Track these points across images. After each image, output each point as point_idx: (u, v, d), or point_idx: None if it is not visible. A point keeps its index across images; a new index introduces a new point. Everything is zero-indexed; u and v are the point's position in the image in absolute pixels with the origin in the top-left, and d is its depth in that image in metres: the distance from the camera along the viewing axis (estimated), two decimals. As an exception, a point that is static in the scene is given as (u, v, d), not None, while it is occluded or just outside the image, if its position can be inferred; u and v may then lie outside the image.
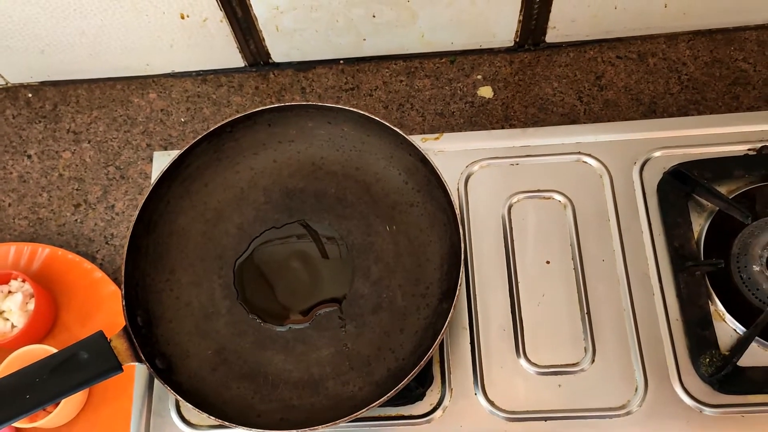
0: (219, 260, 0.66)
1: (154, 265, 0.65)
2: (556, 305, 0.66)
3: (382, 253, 0.66)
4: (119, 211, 0.84)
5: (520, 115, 0.85)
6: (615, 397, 0.62)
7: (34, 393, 0.53)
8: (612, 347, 0.64)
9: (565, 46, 0.88)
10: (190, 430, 0.64)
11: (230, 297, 0.65)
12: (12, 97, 0.90)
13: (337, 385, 0.61)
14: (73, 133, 0.88)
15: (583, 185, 0.70)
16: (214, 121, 0.88)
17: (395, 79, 0.88)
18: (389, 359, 0.62)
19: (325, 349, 0.63)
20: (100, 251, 0.82)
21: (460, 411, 0.63)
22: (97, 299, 0.78)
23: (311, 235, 0.67)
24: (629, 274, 0.66)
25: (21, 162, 0.87)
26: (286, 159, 0.69)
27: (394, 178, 0.67)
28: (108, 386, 0.73)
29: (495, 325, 0.65)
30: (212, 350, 0.63)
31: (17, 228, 0.84)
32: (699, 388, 0.62)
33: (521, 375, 0.64)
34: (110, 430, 0.72)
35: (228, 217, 0.68)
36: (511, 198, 0.70)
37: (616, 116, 0.83)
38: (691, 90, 0.84)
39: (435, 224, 0.65)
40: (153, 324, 0.62)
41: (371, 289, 0.64)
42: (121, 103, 0.89)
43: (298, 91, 0.89)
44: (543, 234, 0.69)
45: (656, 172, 0.69)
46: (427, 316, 0.62)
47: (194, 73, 0.90)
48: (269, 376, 0.62)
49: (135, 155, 0.86)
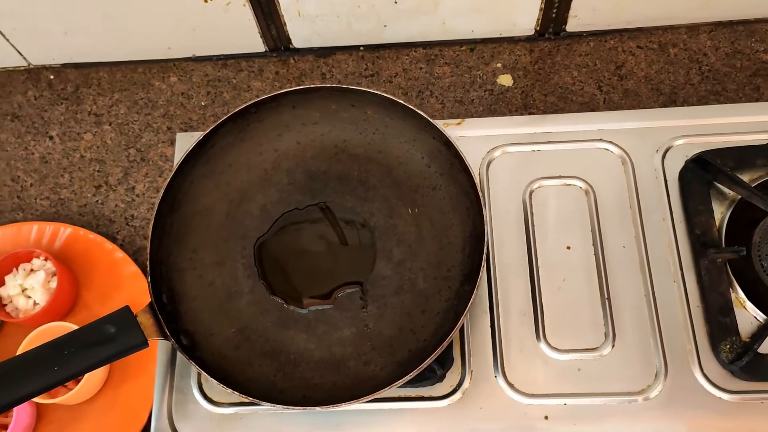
0: (242, 240, 0.67)
1: (178, 243, 0.65)
2: (577, 290, 0.66)
3: (404, 235, 0.66)
4: (139, 192, 0.84)
5: (539, 104, 0.85)
6: (635, 381, 0.62)
7: (63, 365, 0.54)
8: (632, 332, 0.64)
9: (586, 36, 0.88)
10: (211, 407, 0.64)
11: (253, 277, 0.66)
12: (34, 79, 0.91)
13: (358, 365, 0.62)
14: (95, 115, 0.89)
15: (604, 172, 0.70)
16: (234, 105, 0.88)
17: (415, 66, 0.89)
18: (411, 340, 0.62)
19: (347, 330, 0.63)
20: (121, 232, 0.83)
21: (480, 393, 0.63)
22: (118, 279, 0.78)
23: (333, 216, 0.68)
24: (650, 261, 0.66)
25: (43, 143, 0.88)
26: (310, 141, 0.69)
27: (417, 161, 0.68)
28: (128, 364, 0.74)
29: (515, 308, 0.66)
30: (235, 329, 0.64)
31: (39, 208, 0.84)
32: (719, 374, 0.62)
33: (541, 358, 0.64)
34: (129, 408, 0.73)
35: (251, 198, 0.68)
36: (532, 184, 0.71)
37: (635, 106, 0.83)
38: (712, 81, 0.84)
39: (457, 208, 0.65)
40: (177, 301, 0.63)
41: (393, 271, 0.65)
42: (142, 86, 0.90)
43: (318, 77, 0.89)
44: (564, 220, 0.69)
45: (678, 159, 0.69)
46: (448, 298, 0.63)
47: (215, 58, 0.91)
48: (291, 354, 0.63)
49: (155, 138, 0.87)
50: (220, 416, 0.64)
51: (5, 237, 0.80)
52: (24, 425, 0.70)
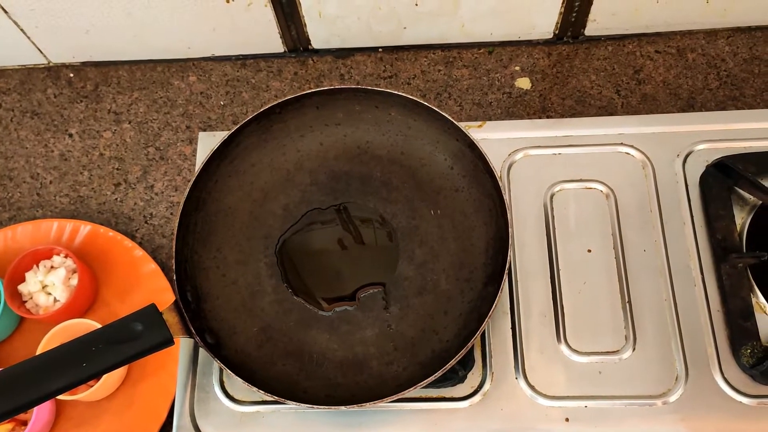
0: (265, 240, 0.67)
1: (202, 242, 0.66)
2: (597, 293, 0.66)
3: (427, 236, 0.66)
4: (158, 191, 0.85)
5: (557, 107, 0.85)
6: (655, 385, 0.63)
7: (91, 362, 0.54)
8: (653, 336, 0.64)
9: (604, 40, 0.88)
10: (233, 405, 0.65)
11: (275, 276, 0.66)
12: (54, 77, 0.91)
13: (381, 365, 0.62)
14: (114, 113, 0.89)
15: (625, 176, 0.70)
16: (252, 105, 0.89)
17: (433, 69, 0.89)
18: (433, 341, 0.62)
19: (370, 330, 0.64)
20: (139, 230, 0.83)
21: (501, 394, 0.63)
22: (137, 277, 0.79)
23: (355, 217, 0.68)
24: (671, 265, 0.67)
25: (62, 140, 0.88)
26: (333, 142, 0.70)
27: (440, 163, 0.68)
28: (147, 362, 0.74)
29: (536, 311, 0.66)
30: (258, 327, 0.64)
31: (58, 205, 0.85)
32: (739, 379, 0.62)
33: (561, 360, 0.64)
34: (148, 406, 0.73)
35: (274, 198, 0.69)
36: (553, 187, 0.71)
37: (653, 110, 0.84)
38: (730, 86, 0.84)
39: (480, 209, 0.65)
40: (201, 300, 0.63)
41: (415, 272, 0.65)
42: (161, 85, 0.90)
43: (337, 78, 0.90)
44: (585, 223, 0.69)
45: (699, 164, 0.70)
46: (471, 299, 0.63)
47: (234, 57, 0.91)
48: (314, 354, 0.63)
49: (174, 137, 0.87)
50: (242, 414, 0.64)
51: (25, 234, 0.81)
52: (44, 421, 0.71)
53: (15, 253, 0.77)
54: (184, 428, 0.64)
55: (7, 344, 0.77)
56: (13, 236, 0.80)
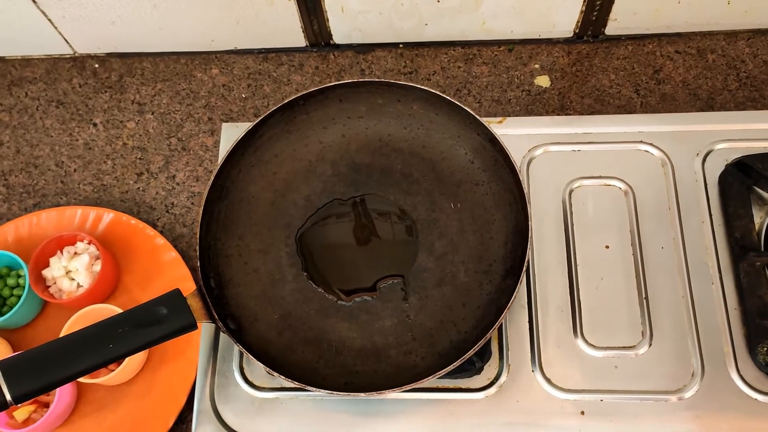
0: (286, 229, 0.68)
1: (225, 230, 0.67)
2: (615, 289, 0.67)
3: (446, 229, 0.67)
4: (180, 181, 0.86)
5: (576, 105, 0.86)
6: (671, 380, 0.63)
7: (117, 343, 0.55)
8: (669, 332, 0.65)
9: (624, 39, 0.88)
10: (253, 390, 0.66)
11: (296, 265, 0.67)
12: (79, 67, 0.93)
13: (399, 355, 0.63)
14: (138, 104, 0.91)
15: (644, 173, 0.71)
16: (274, 98, 0.90)
17: (453, 65, 0.90)
18: (451, 332, 0.63)
19: (388, 320, 0.64)
20: (161, 219, 0.84)
21: (517, 387, 0.64)
22: (158, 264, 0.80)
23: (376, 209, 0.69)
24: (688, 263, 0.67)
25: (87, 130, 0.89)
26: (355, 134, 0.71)
27: (461, 157, 0.69)
28: (167, 348, 0.76)
29: (553, 305, 0.67)
30: (278, 315, 0.65)
31: (82, 193, 0.86)
32: (755, 376, 0.63)
33: (578, 354, 0.65)
34: (168, 391, 0.74)
35: (296, 188, 0.70)
36: (572, 183, 0.71)
37: (672, 110, 0.84)
38: (749, 87, 0.84)
39: (500, 203, 0.66)
40: (223, 286, 0.64)
41: (435, 264, 0.66)
42: (184, 77, 0.92)
43: (357, 73, 0.91)
44: (603, 219, 0.70)
45: (718, 163, 0.70)
46: (489, 292, 0.64)
47: (256, 51, 0.92)
48: (333, 342, 0.64)
49: (197, 128, 0.89)
50: (261, 400, 0.66)
51: (50, 220, 0.82)
52: (66, 403, 0.72)
53: (39, 239, 0.79)
54: (205, 413, 0.66)
55: (30, 328, 0.79)
56: (38, 222, 0.82)
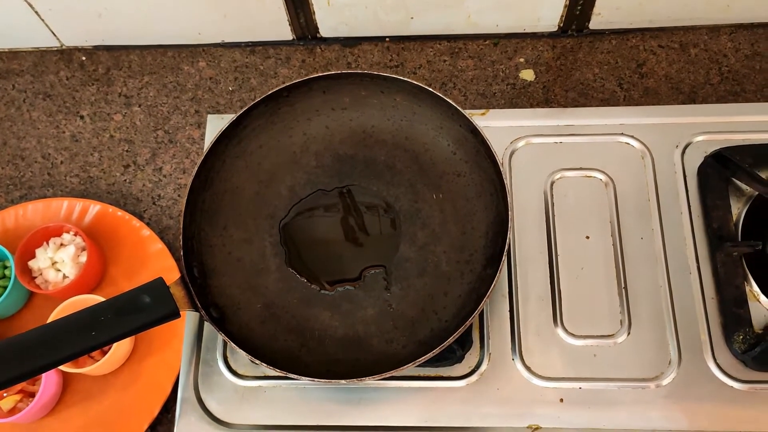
0: (270, 219, 0.69)
1: (209, 220, 0.67)
2: (594, 278, 0.68)
3: (428, 219, 0.68)
4: (167, 173, 0.86)
5: (560, 99, 0.86)
6: (649, 368, 0.64)
7: (100, 331, 0.56)
8: (647, 321, 0.66)
9: (608, 34, 0.89)
10: (236, 379, 0.66)
11: (279, 255, 0.68)
12: (66, 60, 0.93)
13: (381, 343, 0.64)
14: (125, 96, 0.91)
15: (624, 165, 0.72)
16: (261, 91, 0.90)
17: (439, 59, 0.90)
18: (432, 320, 0.64)
19: (371, 309, 0.65)
20: (147, 211, 0.85)
21: (497, 375, 0.65)
22: (144, 256, 0.80)
23: (359, 200, 0.69)
24: (667, 253, 0.68)
25: (74, 122, 0.90)
26: (338, 126, 0.71)
27: (443, 148, 0.69)
28: (153, 339, 0.76)
29: (534, 294, 0.68)
30: (261, 304, 0.66)
31: (68, 185, 0.86)
32: (731, 364, 0.64)
33: (558, 343, 0.66)
34: (153, 381, 0.75)
35: (280, 179, 0.70)
36: (553, 174, 0.72)
37: (655, 104, 0.85)
38: (731, 81, 0.85)
39: (481, 194, 0.67)
40: (207, 275, 0.65)
41: (417, 254, 0.67)
42: (171, 70, 0.92)
43: (344, 66, 0.91)
44: (583, 210, 0.71)
45: (697, 155, 0.71)
46: (470, 281, 0.65)
47: (243, 44, 0.93)
48: (315, 331, 0.65)
49: (183, 120, 0.89)
50: (245, 389, 0.66)
51: (36, 212, 0.82)
52: (51, 393, 0.73)
53: (26, 230, 0.79)
54: (188, 401, 0.66)
55: (16, 318, 0.79)
56: (24, 214, 0.82)
